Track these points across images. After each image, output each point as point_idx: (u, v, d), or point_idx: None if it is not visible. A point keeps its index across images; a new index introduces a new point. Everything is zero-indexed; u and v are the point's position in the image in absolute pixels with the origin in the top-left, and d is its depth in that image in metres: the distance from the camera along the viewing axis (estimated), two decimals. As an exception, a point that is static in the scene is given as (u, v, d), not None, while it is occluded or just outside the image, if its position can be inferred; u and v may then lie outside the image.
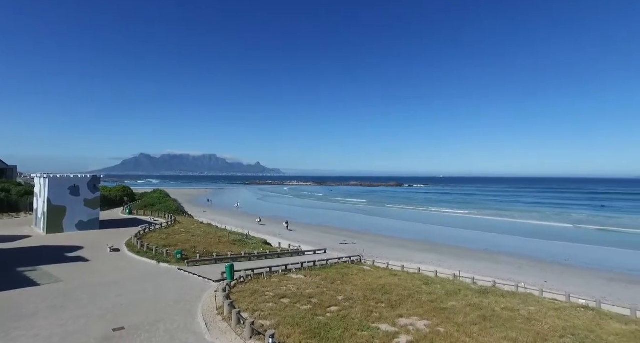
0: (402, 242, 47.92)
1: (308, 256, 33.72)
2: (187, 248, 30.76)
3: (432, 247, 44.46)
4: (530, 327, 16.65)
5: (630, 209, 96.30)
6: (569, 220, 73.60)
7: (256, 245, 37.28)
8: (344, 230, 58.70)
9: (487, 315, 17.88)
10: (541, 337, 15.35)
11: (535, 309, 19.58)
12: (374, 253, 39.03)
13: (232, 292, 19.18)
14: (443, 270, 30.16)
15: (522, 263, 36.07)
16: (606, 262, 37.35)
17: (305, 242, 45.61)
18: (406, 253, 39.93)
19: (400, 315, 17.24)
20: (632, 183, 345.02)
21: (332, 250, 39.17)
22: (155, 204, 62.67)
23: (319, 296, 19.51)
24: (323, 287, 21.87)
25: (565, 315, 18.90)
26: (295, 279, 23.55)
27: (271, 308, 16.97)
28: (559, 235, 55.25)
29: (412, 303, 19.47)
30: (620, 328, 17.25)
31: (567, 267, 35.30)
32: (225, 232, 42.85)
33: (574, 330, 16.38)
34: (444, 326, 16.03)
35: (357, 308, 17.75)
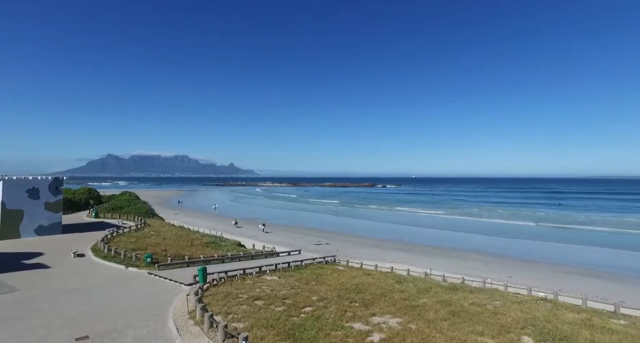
0: (376, 242, 48.74)
1: (282, 257, 33.62)
2: (158, 252, 29.87)
3: (404, 246, 45.51)
4: (496, 320, 17.47)
5: (583, 207, 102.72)
6: (531, 218, 77.55)
7: (230, 247, 36.74)
8: (318, 230, 58.93)
9: (456, 311, 18.59)
10: (505, 329, 16.16)
11: (500, 303, 20.55)
12: (348, 253, 39.47)
13: (205, 295, 18.84)
14: (415, 269, 30.97)
15: (488, 260, 37.63)
16: (563, 257, 39.71)
17: (280, 243, 45.42)
18: (379, 253, 40.65)
19: (374, 314, 17.58)
20: (588, 182, 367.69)
21: (306, 251, 39.24)
22: (124, 207, 60.34)
23: (293, 297, 19.53)
24: (297, 287, 21.90)
25: (527, 307, 19.97)
26: (270, 281, 23.44)
27: (245, 310, 16.82)
28: (522, 233, 58.10)
29: (385, 301, 19.90)
30: (573, 317, 18.52)
31: (530, 262, 37.22)
32: (197, 235, 41.92)
33: (534, 321, 17.38)
34: (415, 323, 16.50)
35: (331, 308, 17.92)
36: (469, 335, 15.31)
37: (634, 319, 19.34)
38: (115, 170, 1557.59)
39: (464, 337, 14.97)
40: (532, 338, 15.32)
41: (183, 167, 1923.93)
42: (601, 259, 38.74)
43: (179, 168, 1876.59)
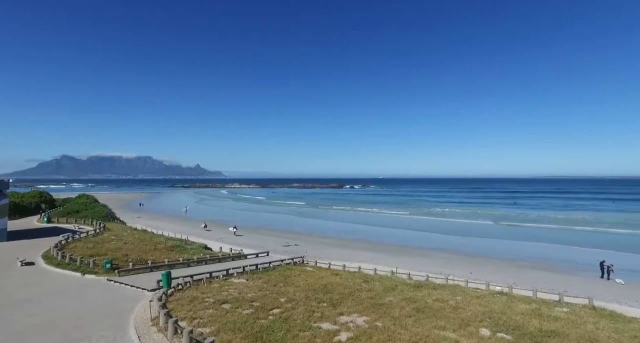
0: (344, 242, 49.35)
1: (250, 259, 33.23)
2: (119, 257, 28.52)
3: (371, 246, 46.43)
4: (457, 314, 18.34)
5: (535, 206, 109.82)
6: (489, 217, 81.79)
7: (196, 251, 35.78)
8: (286, 232, 58.72)
9: (421, 307, 19.31)
10: (465, 323, 17.02)
11: (461, 298, 21.58)
12: (317, 254, 39.68)
13: (169, 301, 18.26)
14: (382, 268, 31.71)
15: (451, 258, 39.27)
16: (517, 252, 42.29)
17: (248, 245, 44.82)
18: (347, 253, 41.22)
19: (341, 313, 17.86)
20: (540, 182, 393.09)
21: (275, 253, 39.01)
22: (81, 211, 56.91)
23: (261, 299, 19.40)
24: (265, 289, 21.78)
25: (485, 301, 21.12)
26: (237, 283, 23.12)
27: (211, 314, 16.50)
28: (481, 231, 61.17)
29: (353, 300, 20.27)
30: (524, 308, 19.92)
31: (488, 258, 39.28)
32: (162, 238, 40.43)
33: (491, 314, 18.46)
34: (381, 321, 16.95)
35: (299, 309, 18.00)
36: (432, 330, 15.96)
37: (575, 306, 21.14)
38: (71, 172, 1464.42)
39: (427, 332, 15.58)
40: (489, 330, 16.24)
41: (146, 168, 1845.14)
42: (549, 254, 41.66)
43: (142, 169, 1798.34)
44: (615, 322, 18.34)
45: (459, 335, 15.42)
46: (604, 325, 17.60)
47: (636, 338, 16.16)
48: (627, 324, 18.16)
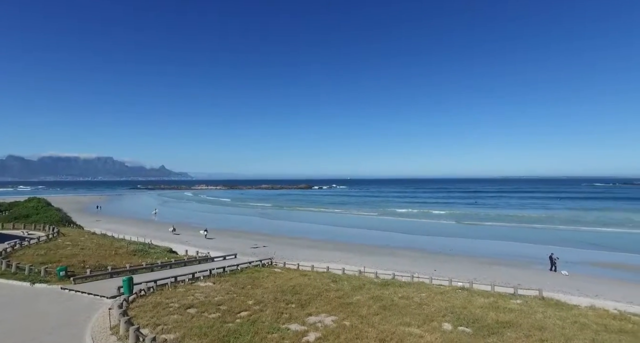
0: (312, 243, 49.54)
1: (217, 262, 32.56)
2: (74, 264, 26.95)
3: (339, 246, 46.95)
4: (421, 311, 19.03)
5: (494, 205, 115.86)
6: (452, 216, 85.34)
7: (160, 255, 34.55)
8: (255, 233, 58.04)
9: (387, 305, 19.84)
10: (429, 318, 17.71)
11: (426, 295, 22.39)
12: (285, 255, 39.56)
13: (131, 308, 17.52)
14: (350, 267, 32.16)
15: (417, 256, 40.56)
16: (478, 250, 44.46)
17: (216, 247, 43.82)
18: (316, 253, 41.42)
19: (310, 314, 17.98)
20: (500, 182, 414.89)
21: (243, 255, 38.45)
22: (31, 215, 53.03)
23: (228, 302, 19.10)
24: (233, 292, 21.46)
25: (448, 297, 22.06)
26: (204, 287, 22.60)
27: (176, 320, 16.03)
28: (445, 230, 63.72)
29: (321, 301, 20.44)
30: (483, 302, 21.05)
31: (451, 256, 40.97)
32: (123, 243, 38.61)
33: (453, 309, 19.33)
34: (349, 319, 17.25)
35: (267, 311, 17.91)
36: (397, 326, 16.46)
37: (527, 298, 22.68)
38: (20, 174, 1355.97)
39: (393, 329, 16.06)
40: (451, 324, 17.00)
41: (107, 169, 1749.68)
42: (506, 250, 44.18)
43: (102, 171, 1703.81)
44: (560, 310, 19.95)
45: (423, 331, 16.02)
46: (551, 314, 19.07)
47: (576, 323, 17.70)
48: (569, 311, 19.89)
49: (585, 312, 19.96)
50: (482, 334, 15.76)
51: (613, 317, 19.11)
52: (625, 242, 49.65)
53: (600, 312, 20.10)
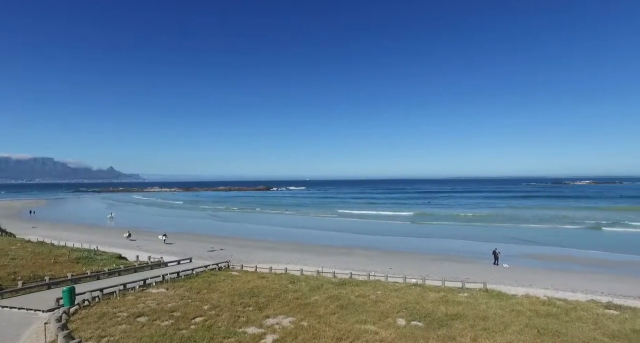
0: (270, 244, 49.14)
1: (171, 267, 31.22)
2: (3, 276, 24.49)
3: (298, 247, 47.00)
4: (377, 308, 19.65)
5: (447, 205, 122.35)
6: (408, 216, 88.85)
7: (107, 261, 32.42)
8: (211, 236, 56.37)
9: (344, 304, 20.23)
10: (384, 315, 18.34)
11: (381, 293, 23.14)
12: (243, 258, 38.87)
13: (72, 320, 16.29)
14: (308, 268, 32.33)
15: (373, 255, 41.71)
16: (431, 247, 46.72)
17: (170, 252, 41.93)
18: (274, 255, 41.13)
19: (267, 316, 17.88)
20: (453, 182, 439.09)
21: (198, 259, 37.19)
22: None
23: (182, 308, 18.43)
24: (187, 298, 20.73)
25: (402, 293, 22.98)
26: (156, 294, 21.59)
27: (124, 330, 15.17)
28: (401, 229, 66.25)
29: (279, 302, 20.39)
30: (434, 296, 22.22)
31: (406, 254, 42.66)
32: (64, 250, 35.72)
33: (407, 305, 20.18)
34: (307, 320, 17.38)
35: (223, 316, 17.53)
36: (354, 324, 16.88)
37: (473, 291, 24.30)
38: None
39: (350, 327, 16.44)
40: (404, 319, 17.74)
41: (45, 171, 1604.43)
42: (456, 247, 46.87)
43: (40, 173, 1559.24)
44: (501, 300, 21.67)
45: (379, 327, 16.57)
46: (493, 304, 20.66)
47: (513, 311, 19.41)
48: (508, 301, 21.71)
49: (521, 300, 21.88)
50: (433, 327, 16.64)
51: (543, 303, 21.22)
52: (555, 236, 54.90)
53: (533, 299, 22.21)
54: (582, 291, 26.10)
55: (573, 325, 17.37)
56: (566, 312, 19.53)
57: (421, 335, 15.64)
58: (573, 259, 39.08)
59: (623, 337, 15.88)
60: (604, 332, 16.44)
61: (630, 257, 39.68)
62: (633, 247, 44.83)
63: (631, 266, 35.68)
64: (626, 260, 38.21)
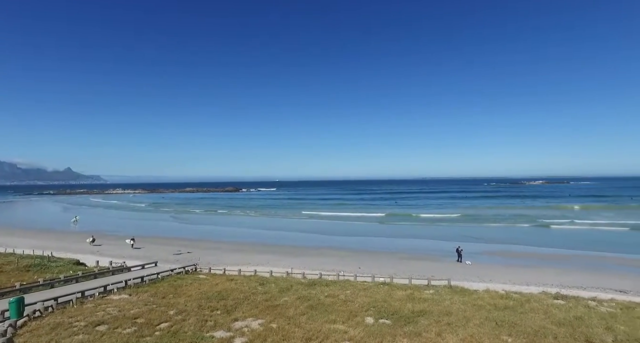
0: (240, 246, 48.41)
1: (135, 272, 29.95)
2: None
3: (267, 249, 46.63)
4: (346, 307, 19.91)
5: (414, 205, 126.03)
6: (376, 216, 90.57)
7: (63, 268, 30.61)
8: (178, 239, 54.62)
9: (314, 304, 20.34)
10: (353, 314, 18.62)
11: (351, 292, 23.47)
12: (211, 261, 38.02)
13: (19, 334, 15.19)
14: (278, 269, 32.17)
15: (343, 255, 42.19)
16: (398, 246, 47.98)
17: (134, 256, 40.13)
18: (243, 257, 40.55)
19: (236, 319, 17.62)
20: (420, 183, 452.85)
21: (165, 262, 35.95)
22: None
23: (146, 314, 17.75)
24: (152, 303, 19.99)
25: (370, 292, 23.44)
26: (117, 300, 20.63)
27: (81, 340, 14.40)
28: (370, 229, 67.56)
29: (248, 305, 20.16)
30: (401, 294, 22.86)
31: (374, 253, 43.52)
32: (12, 257, 33.32)
33: (375, 303, 20.61)
34: (276, 322, 17.31)
35: (190, 320, 17.09)
36: (324, 324, 17.01)
37: (438, 288, 25.27)
38: None
39: (319, 327, 16.55)
40: (372, 318, 18.12)
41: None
42: (423, 246, 48.44)
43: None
44: (464, 296, 22.70)
45: (347, 326, 16.82)
46: (456, 300, 21.59)
47: (475, 305, 20.41)
48: (470, 296, 22.78)
49: (482, 295, 23.04)
50: (400, 324, 17.12)
51: (501, 297, 22.50)
52: (512, 234, 58.38)
53: (492, 293, 23.48)
54: (535, 284, 27.95)
55: (527, 316, 18.58)
56: (521, 304, 20.82)
57: (388, 332, 16.05)
58: (527, 255, 41.64)
59: (567, 324, 17.36)
60: (552, 321, 17.83)
61: (576, 251, 42.92)
62: (578, 243, 48.74)
63: (577, 260, 38.66)
64: (572, 255, 41.35)
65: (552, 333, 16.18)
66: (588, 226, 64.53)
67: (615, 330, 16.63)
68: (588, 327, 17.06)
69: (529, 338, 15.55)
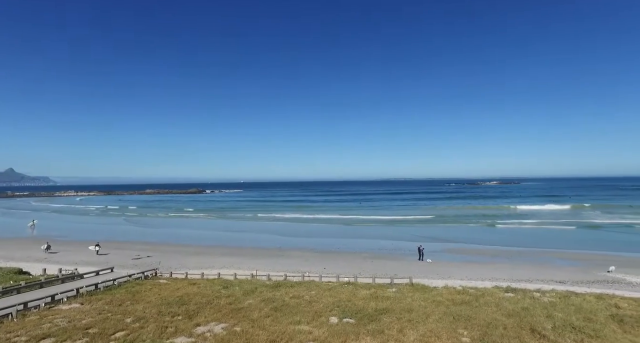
0: (203, 249, 47.07)
1: (88, 279, 28.20)
2: None
3: (231, 251, 45.74)
4: (311, 308, 20.05)
5: (377, 207, 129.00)
6: (340, 218, 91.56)
7: (3, 278, 28.11)
8: (137, 243, 52.08)
9: (278, 306, 20.29)
10: (317, 314, 18.80)
11: (315, 292, 23.65)
12: (173, 265, 36.67)
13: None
14: (242, 272, 31.70)
15: (308, 256, 42.30)
16: (362, 246, 48.94)
17: (86, 262, 37.68)
18: (206, 260, 39.49)
19: (198, 324, 17.20)
20: (387, 184, 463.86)
21: (122, 268, 34.14)
22: None
23: (100, 324, 16.83)
24: (107, 311, 18.98)
25: (335, 292, 23.76)
26: (67, 310, 19.37)
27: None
28: (335, 230, 68.29)
29: (211, 309, 19.72)
30: (365, 293, 23.40)
31: (339, 253, 44.06)
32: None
33: (339, 303, 20.93)
34: (240, 325, 17.09)
35: (149, 327, 16.44)
36: (288, 325, 17.04)
37: (400, 286, 26.14)
38: None
39: (284, 329, 16.56)
40: (337, 317, 18.40)
41: None
42: (386, 246, 49.70)
43: None
44: (424, 293, 23.68)
45: (312, 326, 16.96)
46: (417, 297, 22.48)
47: (434, 301, 21.39)
48: (430, 292, 23.85)
49: (441, 291, 24.16)
50: (363, 323, 17.54)
51: (458, 292, 23.75)
52: (470, 233, 61.81)
53: (451, 289, 24.70)
54: (489, 279, 29.71)
55: (481, 309, 19.75)
56: (476, 298, 22.09)
57: (352, 331, 16.38)
58: (483, 252, 44.12)
59: (515, 315, 18.85)
60: (503, 312, 19.18)
61: (525, 248, 46.11)
62: (527, 240, 52.67)
63: (525, 255, 41.68)
64: (522, 251, 44.45)
65: (502, 324, 17.36)
66: (535, 225, 69.47)
67: (554, 318, 18.35)
68: (532, 316, 18.58)
69: (482, 330, 16.56)
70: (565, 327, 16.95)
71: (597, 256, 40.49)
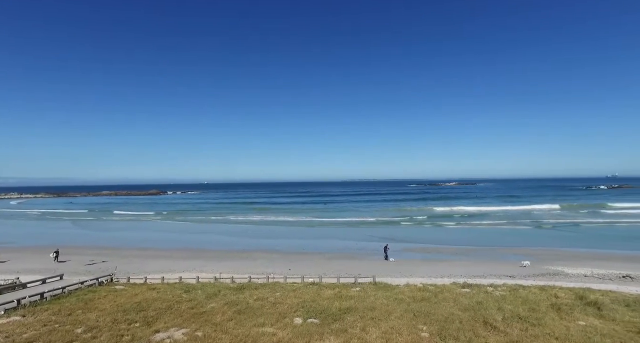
0: (163, 253, 45.27)
1: (33, 288, 26.14)
2: None
3: (193, 254, 44.40)
4: (275, 309, 19.97)
5: (342, 208, 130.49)
6: (305, 220, 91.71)
7: None
8: (91, 248, 49.01)
9: (242, 309, 20.02)
10: (282, 316, 18.77)
11: (280, 294, 23.56)
12: (130, 269, 34.90)
13: None
14: (205, 275, 30.85)
15: (273, 258, 41.99)
16: (327, 247, 49.38)
17: (32, 270, 34.81)
18: (167, 264, 38.00)
19: (157, 330, 16.59)
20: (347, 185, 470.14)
21: (73, 275, 31.99)
22: None
23: (45, 337, 15.74)
24: (54, 323, 17.76)
25: (300, 293, 23.80)
26: (5, 324, 17.87)
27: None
28: (300, 231, 68.35)
29: (171, 314, 19.09)
30: (330, 293, 23.69)
31: (304, 254, 44.15)
32: None
33: (304, 303, 21.02)
34: (202, 330, 16.68)
35: (102, 337, 15.62)
36: (252, 328, 16.87)
37: (364, 285, 26.72)
38: None
39: (247, 331, 16.38)
40: (301, 318, 18.47)
41: None
42: (351, 246, 50.48)
43: None
44: (387, 291, 24.35)
45: (276, 328, 16.91)
46: (380, 295, 23.08)
47: (396, 299, 22.08)
48: (392, 291, 24.56)
49: (403, 289, 24.97)
50: (327, 322, 17.74)
51: (419, 290, 24.68)
52: (432, 233, 64.42)
53: (412, 287, 25.61)
54: (447, 276, 31.10)
55: (439, 305, 20.68)
56: (435, 294, 23.08)
57: (316, 331, 16.52)
58: (442, 250, 46.08)
59: (471, 309, 19.97)
60: (459, 307, 20.24)
61: (480, 246, 48.76)
62: (482, 238, 55.77)
63: (481, 253, 44.09)
64: (478, 248, 46.94)
65: (459, 318, 18.29)
66: (491, 225, 73.61)
67: (504, 310, 19.68)
68: (485, 309, 19.78)
69: (440, 324, 17.34)
70: (513, 318, 18.28)
71: (545, 251, 43.76)
